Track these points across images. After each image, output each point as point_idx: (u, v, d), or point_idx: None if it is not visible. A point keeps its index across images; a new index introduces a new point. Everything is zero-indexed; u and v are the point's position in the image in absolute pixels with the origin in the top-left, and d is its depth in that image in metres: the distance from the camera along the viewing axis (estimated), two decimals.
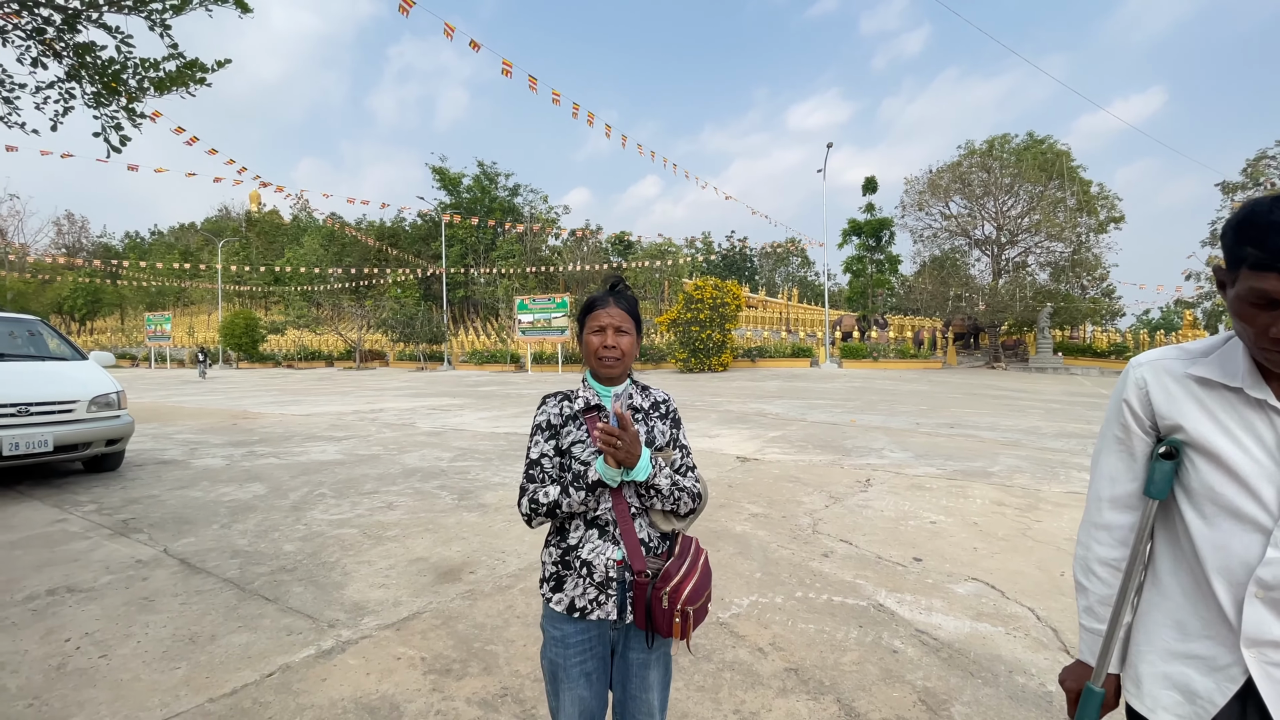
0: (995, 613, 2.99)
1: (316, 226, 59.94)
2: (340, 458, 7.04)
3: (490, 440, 8.29)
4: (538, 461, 1.52)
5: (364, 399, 15.14)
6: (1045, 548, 3.89)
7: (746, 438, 8.21)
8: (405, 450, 7.51)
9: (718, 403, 12.92)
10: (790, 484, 5.53)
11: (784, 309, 43.79)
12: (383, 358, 39.19)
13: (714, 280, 25.99)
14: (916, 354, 26.88)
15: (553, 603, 1.51)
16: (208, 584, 3.38)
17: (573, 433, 1.52)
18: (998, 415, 10.53)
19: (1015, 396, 14.22)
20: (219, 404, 14.08)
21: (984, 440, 7.84)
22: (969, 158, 28.54)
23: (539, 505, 1.47)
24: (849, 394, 14.86)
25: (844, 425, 9.33)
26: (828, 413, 10.95)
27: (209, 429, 9.63)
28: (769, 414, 10.87)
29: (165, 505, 5.01)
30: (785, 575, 3.43)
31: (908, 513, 4.63)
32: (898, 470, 6.06)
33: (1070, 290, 26.78)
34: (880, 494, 5.16)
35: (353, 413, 11.91)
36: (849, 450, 7.20)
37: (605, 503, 1.48)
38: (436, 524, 4.45)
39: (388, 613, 3.01)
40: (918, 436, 8.21)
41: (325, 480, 5.85)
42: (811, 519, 4.49)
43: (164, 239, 78.06)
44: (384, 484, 5.68)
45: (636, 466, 1.42)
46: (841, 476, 5.82)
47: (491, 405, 13.20)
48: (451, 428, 9.58)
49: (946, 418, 10.16)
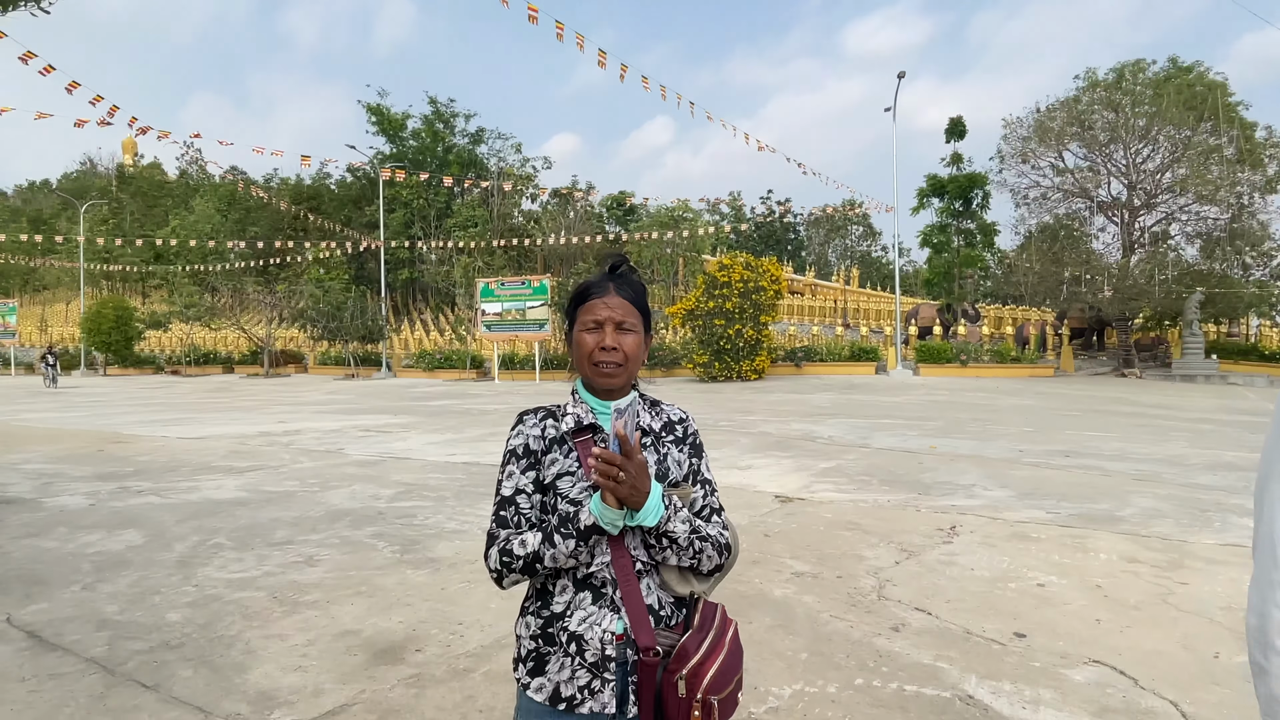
0: (1126, 707, 2.98)
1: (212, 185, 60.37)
2: (243, 496, 7.06)
3: (444, 473, 8.31)
4: (511, 500, 1.53)
5: (275, 417, 15.20)
6: (1194, 619, 3.88)
7: (789, 470, 8.21)
8: (330, 486, 7.53)
9: (750, 423, 12.93)
10: (848, 533, 5.54)
11: (840, 296, 43.90)
12: (300, 361, 39.41)
13: (745, 257, 26.09)
14: (1019, 357, 26.88)
15: (531, 690, 1.51)
16: (66, 664, 3.40)
17: (559, 461, 1.52)
18: (1129, 440, 10.50)
19: (1153, 414, 14.18)
20: (81, 423, 14.17)
21: (1110, 474, 7.83)
22: (1090, 92, 28.52)
23: (513, 559, 1.47)
24: (927, 411, 14.84)
25: (921, 453, 9.32)
26: (898, 436, 10.94)
27: (67, 457, 9.69)
28: (819, 438, 10.87)
29: (8, 559, 5.04)
30: (841, 656, 3.44)
31: (1007, 572, 4.62)
32: (994, 514, 6.06)
33: (1228, 271, 26.66)
34: (970, 547, 5.16)
35: (260, 435, 11.97)
36: (927, 487, 7.20)
37: (602, 556, 1.48)
38: (372, 585, 4.47)
39: (306, 705, 3.03)
40: (1021, 469, 8.20)
41: (223, 526, 5.88)
42: (876, 580, 4.49)
43: (6, 202, 78.84)
44: (302, 531, 5.71)
45: (644, 507, 1.42)
46: (917, 523, 5.82)
47: (446, 425, 13.24)
48: (392, 456, 9.61)
49: (1059, 443, 10.14)
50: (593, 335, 1.54)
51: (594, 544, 1.46)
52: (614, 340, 1.53)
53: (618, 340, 1.54)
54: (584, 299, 1.58)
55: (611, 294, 1.56)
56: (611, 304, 1.55)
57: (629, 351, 1.55)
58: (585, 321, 1.56)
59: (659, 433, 1.59)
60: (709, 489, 1.60)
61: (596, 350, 1.53)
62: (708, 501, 1.59)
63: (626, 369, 1.55)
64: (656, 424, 1.60)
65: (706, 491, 1.60)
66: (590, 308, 1.56)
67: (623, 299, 1.57)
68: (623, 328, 1.55)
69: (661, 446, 1.58)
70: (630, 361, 1.55)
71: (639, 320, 1.58)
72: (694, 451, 1.61)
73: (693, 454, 1.61)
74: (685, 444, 1.61)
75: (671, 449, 1.58)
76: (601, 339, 1.53)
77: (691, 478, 1.59)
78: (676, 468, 1.57)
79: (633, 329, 1.56)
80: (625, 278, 1.61)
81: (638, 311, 1.59)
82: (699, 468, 1.61)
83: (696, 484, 1.59)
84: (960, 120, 32.83)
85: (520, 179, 52.30)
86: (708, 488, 1.60)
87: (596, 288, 1.58)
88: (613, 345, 1.53)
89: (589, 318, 1.56)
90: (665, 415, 1.63)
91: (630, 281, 1.61)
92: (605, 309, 1.55)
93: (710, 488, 1.61)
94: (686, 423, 1.64)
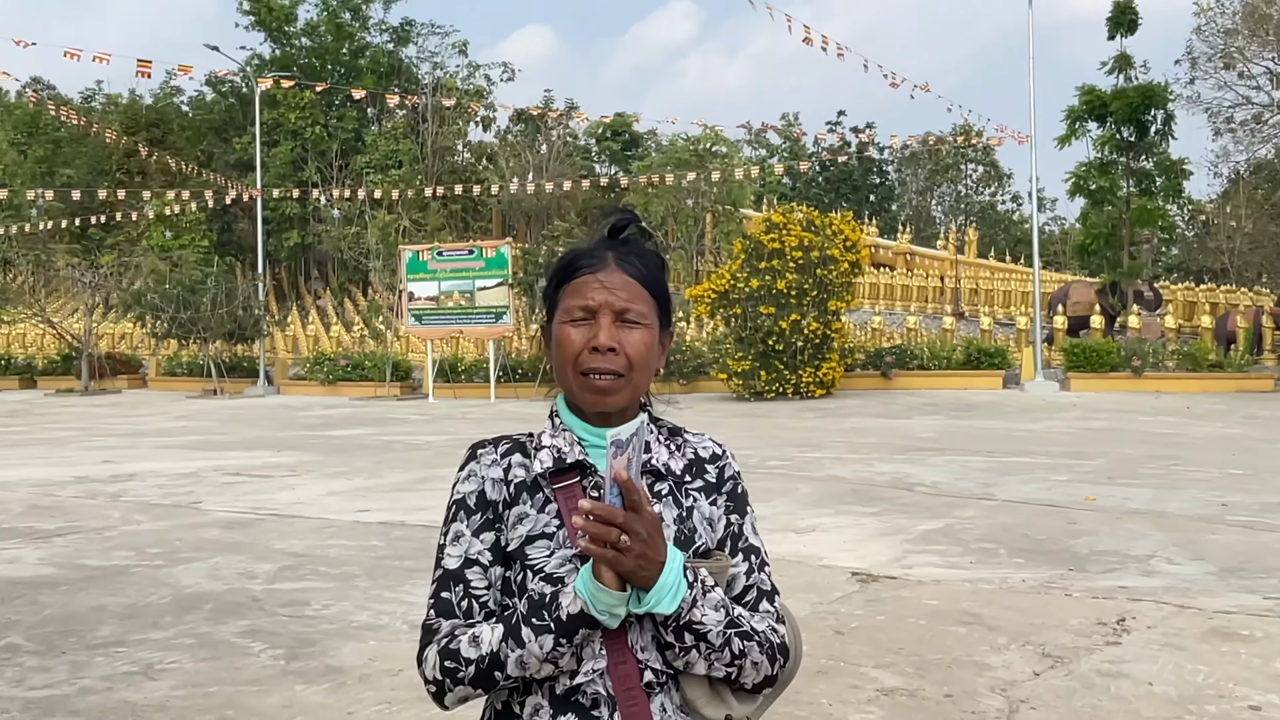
0: None
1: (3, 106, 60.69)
2: (50, 574, 7.03)
3: (351, 537, 8.29)
4: (458, 575, 1.53)
5: (99, 454, 15.20)
6: None
7: (872, 534, 8.17)
8: (181, 558, 7.51)
9: (814, 462, 12.90)
10: (962, 628, 5.52)
11: (950, 270, 43.94)
12: (136, 370, 39.58)
13: (806, 212, 26.12)
14: (1222, 362, 26.81)
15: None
16: None
17: (529, 517, 1.53)
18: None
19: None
20: None
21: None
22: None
23: (461, 664, 1.45)
24: (1081, 444, 14.77)
25: (1072, 508, 9.28)
26: (1038, 483, 10.91)
27: None
28: (918, 485, 10.85)
29: None
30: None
31: (1204, 689, 4.60)
32: (1182, 601, 6.03)
33: None
34: (1147, 650, 5.14)
35: (76, 482, 11.97)
36: (1082, 560, 7.17)
37: (594, 660, 1.47)
38: (242, 709, 4.45)
39: None
40: (1223, 531, 8.15)
41: (19, 619, 5.84)
42: (1006, 701, 4.48)
43: None
44: (138, 627, 5.68)
45: (657, 584, 1.41)
46: (1067, 614, 5.79)
47: (354, 467, 13.25)
48: (274, 512, 9.59)
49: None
50: (581, 330, 1.54)
51: (582, 642, 1.45)
52: (612, 337, 1.53)
53: (617, 337, 1.53)
54: (569, 276, 1.59)
55: (611, 268, 1.56)
56: (610, 283, 1.55)
57: (634, 354, 1.54)
58: (571, 309, 1.56)
59: (680, 476, 1.59)
60: (756, 561, 1.61)
61: (586, 352, 1.53)
62: (754, 580, 1.59)
63: (630, 381, 1.55)
64: (678, 463, 1.60)
65: (752, 565, 1.60)
66: (578, 288, 1.56)
67: (627, 276, 1.56)
68: (626, 319, 1.55)
69: (685, 496, 1.58)
70: (636, 369, 1.55)
71: (651, 309, 1.58)
72: (733, 504, 1.62)
73: (732, 508, 1.61)
74: (720, 493, 1.62)
75: (699, 500, 1.59)
76: (594, 335, 1.53)
77: (729, 543, 1.59)
78: (706, 528, 1.57)
79: (641, 321, 1.56)
80: (632, 245, 1.62)
81: (650, 296, 1.59)
82: (741, 528, 1.61)
83: (736, 553, 1.59)
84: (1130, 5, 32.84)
85: (466, 95, 52.49)
86: (754, 559, 1.60)
87: (588, 259, 1.58)
88: (610, 344, 1.52)
89: (576, 303, 1.55)
90: (691, 450, 1.64)
91: (640, 251, 1.61)
92: (601, 290, 1.55)
93: (758, 559, 1.61)
94: (723, 462, 1.65)
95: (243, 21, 55.66)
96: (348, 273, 52.06)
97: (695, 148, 46.38)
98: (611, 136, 59.53)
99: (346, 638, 5.47)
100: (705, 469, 1.62)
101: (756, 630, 1.51)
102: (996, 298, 40.71)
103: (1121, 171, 32.21)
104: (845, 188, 68.01)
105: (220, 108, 58.08)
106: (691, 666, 1.48)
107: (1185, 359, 26.56)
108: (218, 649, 5.29)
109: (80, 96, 61.94)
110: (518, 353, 32.62)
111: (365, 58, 55.83)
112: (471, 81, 55.65)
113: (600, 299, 1.54)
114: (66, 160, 55.63)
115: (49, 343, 42.42)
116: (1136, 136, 32.40)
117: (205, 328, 34.69)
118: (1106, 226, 32.20)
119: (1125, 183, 32.10)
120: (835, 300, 25.16)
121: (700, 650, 1.46)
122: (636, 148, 59.50)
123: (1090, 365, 26.34)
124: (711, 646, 1.46)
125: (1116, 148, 32.36)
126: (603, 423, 1.56)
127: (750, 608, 1.56)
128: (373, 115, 55.50)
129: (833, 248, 25.07)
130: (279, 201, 48.86)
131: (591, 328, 1.53)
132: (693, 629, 1.44)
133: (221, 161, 53.99)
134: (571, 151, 54.41)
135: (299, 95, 49.86)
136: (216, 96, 58.71)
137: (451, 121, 52.05)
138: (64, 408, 28.56)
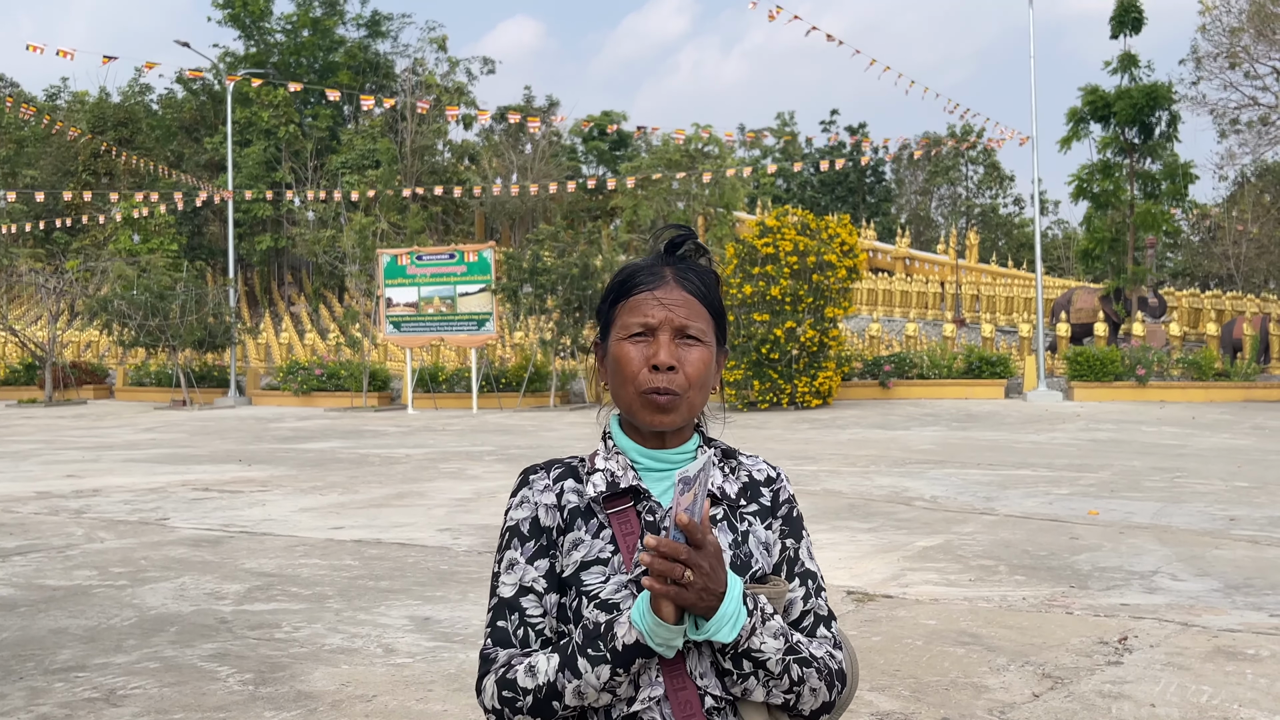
0: None
1: None
2: (7, 595, 7.00)
3: (324, 556, 8.28)
4: (514, 604, 1.56)
5: (62, 469, 15.15)
6: None
7: (869, 550, 8.19)
8: (146, 578, 7.48)
9: (810, 476, 12.92)
10: (960, 649, 5.53)
11: (950, 275, 44.10)
12: (103, 380, 39.45)
13: (801, 215, 26.19)
14: (1228, 370, 26.95)
15: None
16: None
17: (584, 543, 1.56)
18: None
19: None
20: None
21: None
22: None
23: (519, 694, 1.49)
24: (1085, 455, 14.83)
25: (1074, 522, 9.33)
26: (1039, 496, 10.96)
27: None
28: (917, 499, 10.89)
29: None
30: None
31: (1206, 709, 4.61)
32: (1187, 618, 6.05)
33: None
34: (1150, 669, 5.16)
35: (37, 497, 11.93)
36: (1084, 577, 7.20)
37: (651, 688, 1.50)
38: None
39: None
40: (1229, 546, 8.19)
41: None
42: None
43: None
44: (100, 650, 5.66)
45: (717, 613, 1.44)
46: (1068, 632, 5.81)
47: (329, 482, 13.23)
48: (244, 529, 9.58)
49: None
50: (640, 347, 1.58)
51: (639, 671, 1.47)
52: (671, 355, 1.56)
53: (677, 355, 1.57)
54: (626, 292, 1.62)
55: (670, 285, 1.60)
56: (670, 300, 1.59)
57: (693, 373, 1.58)
58: (629, 326, 1.59)
59: (735, 500, 1.63)
60: (813, 585, 1.65)
61: (645, 371, 1.56)
62: (811, 605, 1.63)
63: (686, 400, 1.58)
64: (733, 487, 1.64)
65: (809, 590, 1.64)
66: (637, 305, 1.60)
67: (686, 293, 1.61)
68: (686, 336, 1.59)
69: (740, 521, 1.62)
70: (694, 387, 1.59)
71: (709, 325, 1.62)
72: (789, 529, 1.66)
73: (787, 532, 1.65)
74: (776, 517, 1.65)
75: (755, 524, 1.63)
76: (654, 353, 1.56)
77: (785, 567, 1.63)
78: (762, 552, 1.61)
79: (700, 339, 1.60)
80: (690, 262, 1.65)
81: (708, 313, 1.63)
82: (797, 553, 1.65)
83: (793, 578, 1.63)
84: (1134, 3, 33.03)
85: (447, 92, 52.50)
86: (810, 583, 1.65)
87: (646, 276, 1.62)
88: (670, 362, 1.56)
89: (634, 320, 1.59)
90: (745, 473, 1.68)
91: (697, 267, 1.65)
92: (660, 307, 1.58)
93: (815, 583, 1.65)
94: (778, 485, 1.68)
95: (216, 15, 55.67)
96: (323, 278, 51.90)
97: (685, 148, 46.41)
98: (598, 136, 59.59)
99: (318, 662, 5.46)
100: (760, 492, 1.66)
101: (815, 656, 1.55)
102: (998, 304, 40.81)
103: (1125, 174, 32.32)
104: (842, 189, 68.11)
105: (191, 106, 58.04)
106: (750, 693, 1.52)
107: (1190, 367, 26.70)
108: (184, 673, 5.27)
109: (44, 94, 61.88)
110: (501, 361, 32.59)
111: (340, 53, 55.89)
112: (451, 78, 55.65)
113: (660, 316, 1.58)
114: (30, 160, 55.50)
115: (11, 351, 42.24)
116: (1141, 138, 32.55)
117: (174, 335, 34.55)
118: (1110, 231, 32.34)
119: (1129, 186, 32.19)
120: (832, 307, 25.24)
121: (759, 677, 1.50)
122: (625, 147, 59.58)
123: (1094, 374, 26.46)
124: (770, 674, 1.50)
125: (1120, 149, 32.50)
126: (658, 443, 1.62)
127: (807, 633, 1.60)
128: (349, 113, 55.48)
129: (829, 252, 25.12)
130: (251, 203, 48.74)
131: (651, 345, 1.57)
132: (751, 656, 1.48)
133: (192, 162, 53.94)
134: (557, 151, 54.47)
135: (272, 93, 49.80)
136: (187, 94, 58.64)
137: (431, 120, 52.02)
138: (26, 419, 28.41)
